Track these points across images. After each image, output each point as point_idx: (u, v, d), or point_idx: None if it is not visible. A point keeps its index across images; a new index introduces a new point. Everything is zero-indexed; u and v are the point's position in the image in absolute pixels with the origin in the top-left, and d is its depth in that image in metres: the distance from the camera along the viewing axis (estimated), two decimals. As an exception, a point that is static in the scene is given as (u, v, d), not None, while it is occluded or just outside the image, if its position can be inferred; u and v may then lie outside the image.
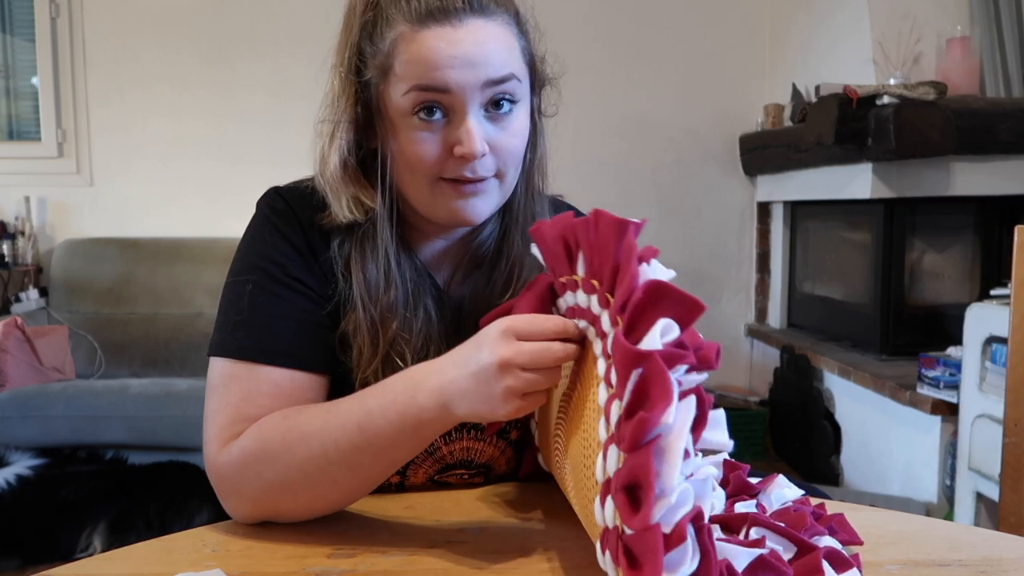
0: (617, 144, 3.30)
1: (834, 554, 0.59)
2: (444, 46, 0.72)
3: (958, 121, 2.23)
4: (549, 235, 0.66)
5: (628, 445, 0.49)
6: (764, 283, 3.40)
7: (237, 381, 0.76)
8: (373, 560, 0.65)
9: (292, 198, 0.84)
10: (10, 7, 3.24)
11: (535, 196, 0.88)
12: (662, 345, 0.50)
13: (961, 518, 2.01)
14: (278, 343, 0.77)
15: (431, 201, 0.79)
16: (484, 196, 0.79)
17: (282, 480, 0.71)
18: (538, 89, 0.84)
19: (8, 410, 2.45)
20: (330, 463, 0.69)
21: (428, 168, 0.77)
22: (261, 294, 0.79)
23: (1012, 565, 0.65)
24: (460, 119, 0.75)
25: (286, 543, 0.69)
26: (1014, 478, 1.21)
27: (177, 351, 2.95)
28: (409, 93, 0.74)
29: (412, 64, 0.73)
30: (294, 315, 0.79)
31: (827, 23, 2.87)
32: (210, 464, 0.74)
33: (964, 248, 2.62)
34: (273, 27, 3.19)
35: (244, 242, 0.84)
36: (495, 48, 0.74)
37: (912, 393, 2.21)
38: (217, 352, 0.79)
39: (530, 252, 0.81)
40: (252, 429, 0.73)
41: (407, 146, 0.76)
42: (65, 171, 3.24)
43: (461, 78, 0.73)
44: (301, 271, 0.81)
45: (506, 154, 0.78)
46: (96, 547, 2.08)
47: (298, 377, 0.77)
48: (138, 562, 0.66)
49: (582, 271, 0.63)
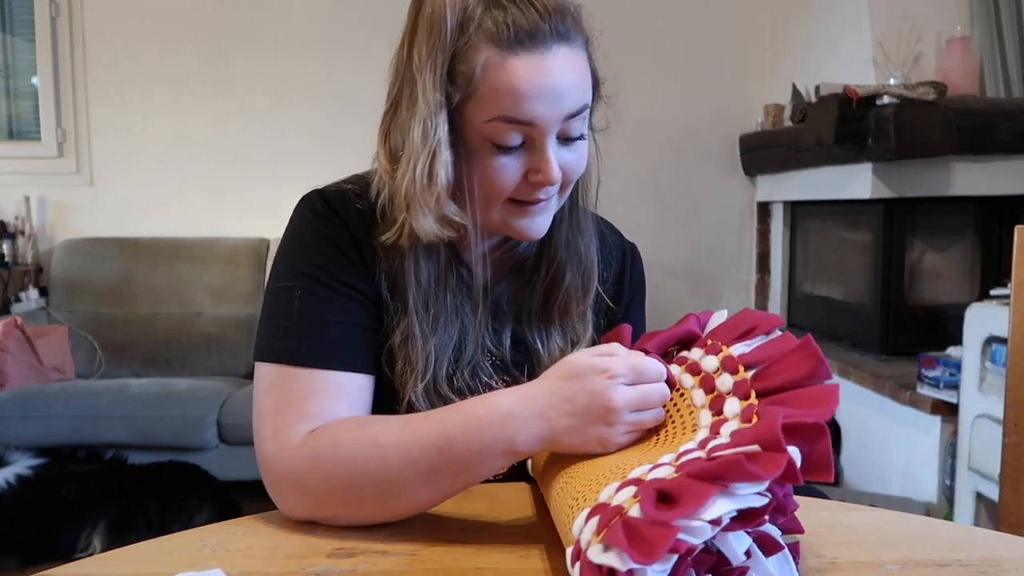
0: (616, 144, 3.29)
1: (764, 538, 0.59)
2: (533, 76, 0.73)
3: (958, 121, 2.23)
4: (755, 316, 0.71)
5: (701, 472, 0.52)
6: (764, 283, 3.40)
7: (296, 383, 0.76)
8: (373, 560, 0.65)
9: (335, 200, 0.83)
10: (10, 7, 3.24)
11: (582, 206, 0.89)
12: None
13: (961, 518, 2.01)
14: (330, 348, 0.78)
15: (496, 218, 0.81)
16: (546, 213, 0.82)
17: (351, 486, 0.70)
18: (593, 107, 0.86)
19: (8, 410, 2.45)
20: (406, 478, 0.69)
21: (504, 191, 0.78)
22: (311, 300, 0.79)
23: (1012, 565, 0.65)
24: (539, 147, 0.76)
25: (286, 543, 0.69)
26: (1014, 478, 1.21)
27: (177, 351, 2.95)
28: (493, 122, 0.74)
29: (499, 93, 0.73)
30: (344, 320, 0.79)
31: (827, 23, 2.87)
32: (272, 459, 0.74)
33: (964, 248, 2.62)
34: (273, 27, 3.19)
35: (287, 246, 0.83)
36: (578, 79, 0.76)
37: (912, 393, 2.21)
38: (268, 357, 0.78)
39: (572, 259, 0.87)
40: (326, 431, 0.73)
41: (485, 170, 0.77)
42: (65, 171, 3.24)
43: (547, 112, 0.74)
44: (349, 274, 0.80)
45: (573, 175, 0.81)
46: (96, 547, 2.08)
47: (360, 379, 0.79)
48: (138, 562, 0.66)
49: (737, 352, 0.68)
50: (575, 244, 0.88)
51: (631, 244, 1.01)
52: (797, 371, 0.62)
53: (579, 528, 0.54)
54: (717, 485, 0.51)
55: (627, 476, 0.57)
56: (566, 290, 0.88)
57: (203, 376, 2.84)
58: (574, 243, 0.88)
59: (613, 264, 0.97)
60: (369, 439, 0.71)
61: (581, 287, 0.89)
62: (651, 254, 3.75)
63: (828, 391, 0.59)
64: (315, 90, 3.20)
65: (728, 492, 0.51)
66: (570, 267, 0.88)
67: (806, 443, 0.55)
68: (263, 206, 3.12)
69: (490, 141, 0.76)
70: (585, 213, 0.90)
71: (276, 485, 0.74)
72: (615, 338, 0.78)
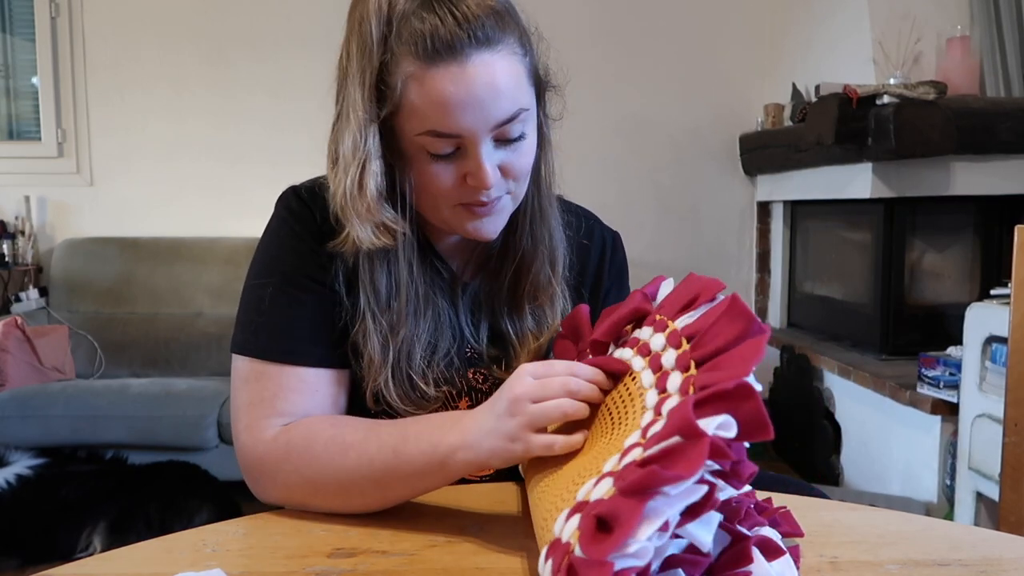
0: (617, 143, 3.30)
1: (765, 542, 0.59)
2: (453, 89, 0.72)
3: (958, 121, 2.23)
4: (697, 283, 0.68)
5: (627, 487, 0.50)
6: (764, 283, 3.40)
7: (267, 378, 0.80)
8: (373, 560, 0.65)
9: (310, 197, 0.85)
10: (10, 7, 3.24)
11: (544, 194, 0.89)
12: (712, 433, 0.51)
13: (961, 518, 2.01)
14: (300, 344, 0.81)
15: (448, 221, 0.82)
16: (498, 215, 0.83)
17: (316, 481, 0.75)
18: (543, 99, 0.85)
19: (8, 410, 2.45)
20: (362, 477, 0.73)
21: (445, 196, 0.79)
22: (281, 296, 0.82)
23: (1012, 565, 0.65)
24: (472, 154, 0.76)
25: (286, 543, 0.69)
26: (1014, 478, 1.21)
27: (177, 351, 2.95)
28: (421, 136, 0.75)
29: (423, 107, 0.74)
30: (314, 316, 0.82)
31: (827, 23, 2.87)
32: (248, 449, 0.79)
33: (964, 248, 2.62)
34: (273, 27, 3.19)
35: (262, 243, 0.86)
36: (504, 85, 0.74)
37: (912, 393, 2.21)
38: (242, 351, 0.82)
39: (538, 247, 0.87)
40: (301, 427, 0.77)
41: (422, 177, 0.78)
42: (65, 171, 3.24)
43: (471, 123, 0.74)
44: (318, 271, 0.83)
45: (517, 174, 0.81)
46: (96, 547, 2.08)
47: (325, 374, 0.82)
48: (138, 562, 0.66)
49: (681, 325, 0.65)
50: (538, 232, 0.89)
51: (612, 232, 1.01)
52: (729, 333, 0.60)
53: (541, 567, 0.54)
54: (646, 498, 0.49)
55: (576, 497, 0.56)
56: (533, 277, 0.89)
57: (203, 376, 2.84)
58: (537, 231, 0.89)
59: (593, 252, 0.97)
60: (338, 439, 0.75)
61: (548, 273, 0.90)
62: (651, 254, 3.76)
63: (753, 346, 0.57)
64: (315, 90, 3.17)
65: (661, 499, 0.50)
66: (536, 254, 0.88)
67: (736, 406, 0.53)
68: (263, 206, 3.07)
69: (423, 150, 0.77)
70: (548, 200, 0.90)
71: (251, 473, 0.79)
72: (574, 320, 0.79)
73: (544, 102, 0.85)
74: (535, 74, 0.81)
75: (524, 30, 0.79)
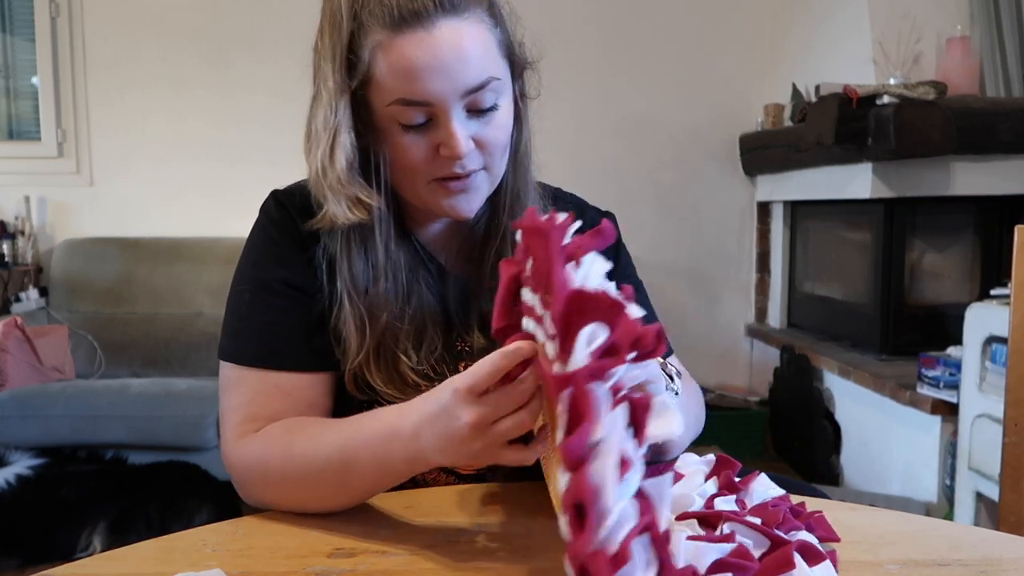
0: (617, 143, 3.30)
1: (807, 547, 0.59)
2: (420, 55, 0.72)
3: (958, 121, 2.23)
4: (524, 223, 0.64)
5: (567, 466, 0.49)
6: (764, 283, 3.40)
7: (246, 383, 0.82)
8: (373, 560, 0.65)
9: (290, 201, 0.86)
10: (10, 7, 3.24)
11: (522, 176, 0.89)
12: (588, 356, 0.49)
13: (961, 518, 2.01)
14: (276, 349, 0.82)
15: (425, 199, 0.82)
16: (474, 191, 0.82)
17: (282, 486, 0.76)
18: (519, 74, 0.84)
19: (8, 410, 2.45)
20: (321, 481, 0.73)
21: (419, 170, 0.79)
22: (258, 303, 0.83)
23: (1012, 565, 0.65)
24: (443, 123, 0.76)
25: (286, 543, 0.69)
26: (1014, 478, 1.21)
27: (177, 351, 2.95)
28: (392, 105, 0.75)
29: (391, 76, 0.74)
30: (291, 321, 0.83)
31: (827, 23, 2.87)
32: (226, 457, 0.81)
33: (964, 248, 2.62)
34: (273, 27, 3.19)
35: (244, 249, 0.88)
36: (472, 52, 0.74)
37: (912, 393, 2.21)
38: (224, 356, 0.84)
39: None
40: (262, 436, 0.78)
41: (395, 150, 0.78)
42: (65, 171, 3.24)
43: (439, 89, 0.74)
44: (296, 277, 0.84)
45: (491, 147, 0.80)
46: (96, 547, 2.08)
47: (300, 378, 0.82)
48: (138, 562, 0.66)
49: (529, 269, 0.62)
50: (517, 212, 0.88)
51: (604, 212, 1.00)
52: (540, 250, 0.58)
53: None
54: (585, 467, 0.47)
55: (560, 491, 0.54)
56: None
57: (203, 376, 2.84)
58: (518, 209, 0.88)
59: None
60: (295, 445, 0.75)
61: None
62: (651, 254, 3.76)
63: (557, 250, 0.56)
64: (315, 90, 3.20)
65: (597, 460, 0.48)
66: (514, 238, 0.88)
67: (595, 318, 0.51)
68: (263, 206, 3.10)
69: (395, 122, 0.77)
70: (525, 180, 0.90)
71: (232, 476, 0.81)
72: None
73: (521, 80, 0.85)
74: (507, 46, 0.80)
75: (494, 2, 0.79)
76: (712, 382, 3.33)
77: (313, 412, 0.84)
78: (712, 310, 3.41)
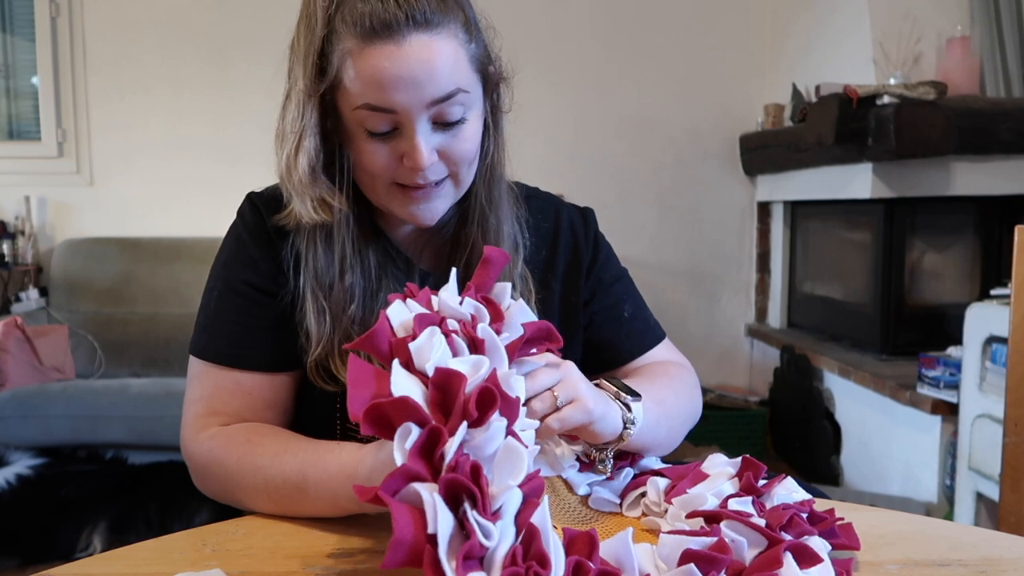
0: (617, 143, 3.30)
1: (801, 548, 0.59)
2: (388, 66, 0.73)
3: (958, 121, 2.23)
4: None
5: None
6: (764, 283, 3.40)
7: (208, 378, 0.85)
8: (373, 560, 0.65)
9: (263, 203, 0.89)
10: (10, 7, 3.24)
11: (495, 187, 0.89)
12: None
13: (961, 518, 2.01)
14: (237, 348, 0.84)
15: (387, 203, 0.83)
16: (437, 200, 0.83)
17: (237, 491, 0.78)
18: (491, 90, 0.85)
19: (8, 410, 2.45)
20: (275, 497, 0.74)
21: (381, 176, 0.80)
22: (223, 302, 0.86)
23: (1012, 565, 0.65)
24: (407, 133, 0.77)
25: (286, 543, 0.69)
26: (1014, 478, 1.21)
27: (177, 351, 2.95)
28: (358, 110, 0.76)
29: (359, 83, 0.75)
30: (253, 322, 0.85)
31: (827, 23, 2.87)
32: (184, 447, 0.84)
33: (964, 248, 2.62)
34: (273, 28, 3.17)
35: (219, 249, 0.90)
36: (441, 65, 0.75)
37: (912, 393, 2.21)
38: (191, 350, 0.87)
39: (487, 237, 0.87)
40: (224, 437, 0.80)
41: (360, 155, 0.80)
42: (65, 171, 3.24)
43: (406, 99, 0.75)
44: (262, 279, 0.86)
45: (457, 158, 0.81)
46: (96, 547, 2.08)
47: (259, 378, 0.85)
48: (138, 562, 0.66)
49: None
50: (488, 222, 0.89)
51: (581, 208, 1.01)
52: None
53: None
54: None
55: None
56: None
57: (203, 376, 2.84)
58: (486, 221, 0.89)
59: (562, 234, 0.97)
60: (250, 456, 0.77)
61: None
62: (651, 254, 3.76)
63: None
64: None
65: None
66: (491, 239, 0.89)
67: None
68: (263, 206, 3.10)
69: (361, 127, 0.78)
70: (497, 190, 0.90)
71: (188, 465, 0.84)
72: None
73: (495, 93, 0.86)
74: (479, 61, 0.81)
75: (470, 18, 0.80)
76: (712, 382, 3.33)
77: (272, 411, 0.85)
78: (712, 310, 3.41)
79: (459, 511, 0.49)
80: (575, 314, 0.96)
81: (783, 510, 0.66)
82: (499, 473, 0.53)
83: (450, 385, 0.56)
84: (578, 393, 0.71)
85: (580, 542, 0.56)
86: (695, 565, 0.55)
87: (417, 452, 0.51)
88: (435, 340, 0.60)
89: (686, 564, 0.55)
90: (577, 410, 0.70)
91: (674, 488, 0.74)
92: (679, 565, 0.56)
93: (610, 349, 0.97)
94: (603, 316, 0.97)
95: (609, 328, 0.97)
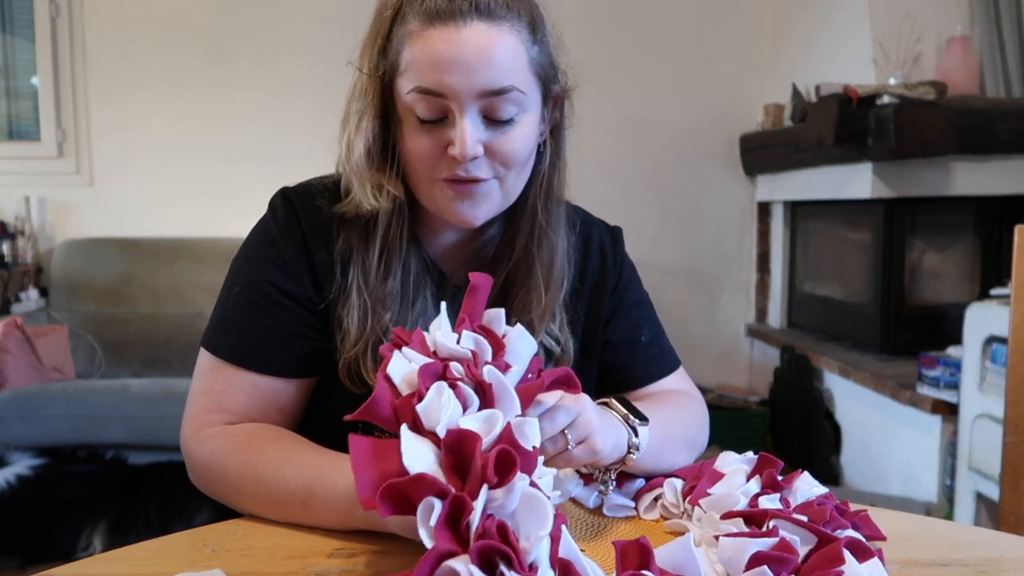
0: (617, 144, 3.30)
1: (855, 544, 0.59)
2: (444, 48, 0.73)
3: (958, 121, 2.23)
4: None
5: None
6: (764, 283, 3.40)
7: (221, 374, 0.82)
8: (373, 560, 0.65)
9: (299, 200, 0.86)
10: (10, 7, 3.24)
11: (549, 205, 0.87)
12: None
13: (961, 518, 2.01)
14: (254, 350, 0.82)
15: (431, 197, 0.82)
16: (482, 199, 0.80)
17: (231, 496, 0.77)
18: (553, 100, 0.84)
19: (8, 410, 2.45)
20: (278, 508, 0.74)
21: (425, 165, 0.79)
22: (245, 300, 0.84)
23: (1012, 565, 0.65)
24: (456, 121, 0.76)
25: (286, 543, 0.69)
26: (1014, 478, 1.21)
27: (177, 351, 2.95)
28: (411, 93, 0.76)
29: (414, 63, 0.75)
30: (274, 325, 0.83)
31: (827, 23, 2.87)
32: (184, 443, 0.82)
33: (964, 248, 2.62)
34: (273, 28, 3.19)
35: (245, 243, 0.87)
36: (498, 56, 0.74)
37: (912, 393, 2.21)
38: (204, 344, 0.84)
39: (534, 264, 0.85)
40: (227, 438, 0.78)
41: (408, 142, 0.79)
42: (65, 171, 3.24)
43: (457, 83, 0.74)
44: (288, 282, 0.83)
45: (504, 158, 0.79)
46: (96, 547, 2.08)
47: (275, 382, 0.83)
48: (138, 562, 0.66)
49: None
50: (536, 247, 0.86)
51: (611, 229, 1.00)
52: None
53: None
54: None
55: None
56: (524, 293, 0.87)
57: (203, 376, 2.84)
58: (535, 245, 0.87)
59: (592, 256, 0.95)
60: (253, 463, 0.75)
61: (544, 285, 0.87)
62: (651, 254, 3.75)
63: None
64: (315, 91, 3.19)
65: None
66: (531, 272, 0.86)
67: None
68: (263, 206, 3.08)
69: (412, 113, 0.77)
70: (557, 212, 0.88)
71: (187, 462, 0.83)
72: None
73: (558, 105, 0.85)
74: (540, 66, 0.80)
75: (538, 20, 0.79)
76: (712, 382, 3.33)
77: (283, 416, 0.84)
78: (712, 310, 3.41)
79: (496, 574, 0.48)
80: (595, 334, 0.95)
81: (818, 505, 0.66)
82: (526, 525, 0.51)
83: (464, 447, 0.54)
84: (590, 431, 0.70)
85: (632, 552, 0.55)
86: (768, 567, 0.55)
87: (442, 525, 0.50)
88: (443, 399, 0.57)
89: (757, 567, 0.55)
90: (585, 451, 0.70)
91: (692, 489, 0.74)
92: (747, 569, 0.56)
93: (623, 372, 0.95)
94: (620, 339, 0.95)
95: (625, 352, 0.95)
